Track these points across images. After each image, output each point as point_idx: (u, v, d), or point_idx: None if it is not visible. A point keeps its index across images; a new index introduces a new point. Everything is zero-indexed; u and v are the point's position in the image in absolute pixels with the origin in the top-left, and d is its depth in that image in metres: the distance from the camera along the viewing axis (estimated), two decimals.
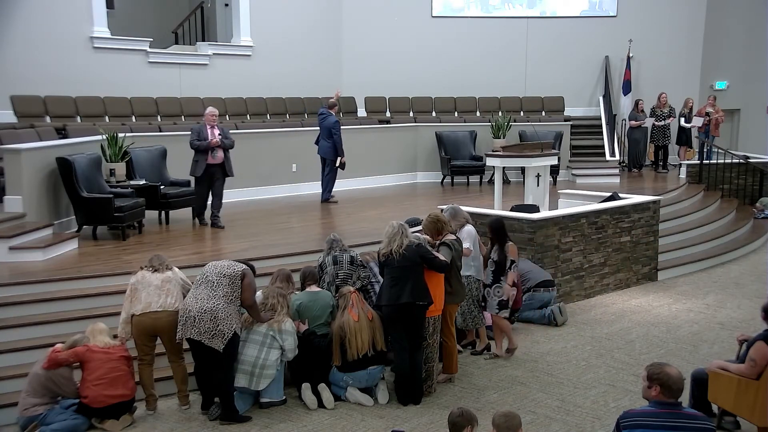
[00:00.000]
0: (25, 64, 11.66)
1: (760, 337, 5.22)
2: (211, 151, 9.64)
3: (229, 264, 5.97)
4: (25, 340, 6.41)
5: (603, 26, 16.73)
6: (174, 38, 15.42)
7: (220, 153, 9.72)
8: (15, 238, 7.96)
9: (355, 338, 6.08)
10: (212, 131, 9.66)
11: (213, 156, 9.68)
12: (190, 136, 9.72)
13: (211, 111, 9.79)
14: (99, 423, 5.68)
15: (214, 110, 9.86)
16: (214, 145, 9.59)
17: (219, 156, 9.72)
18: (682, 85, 16.24)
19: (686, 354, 7.24)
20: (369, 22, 16.19)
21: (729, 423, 5.56)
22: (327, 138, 11.87)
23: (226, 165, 9.85)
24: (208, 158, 9.66)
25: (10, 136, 9.59)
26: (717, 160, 14.22)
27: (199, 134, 9.63)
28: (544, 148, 10.44)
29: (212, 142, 9.58)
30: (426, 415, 5.91)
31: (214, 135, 9.63)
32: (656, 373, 4.03)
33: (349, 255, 6.88)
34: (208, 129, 9.65)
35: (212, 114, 9.74)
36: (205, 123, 9.70)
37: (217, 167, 9.79)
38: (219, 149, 9.69)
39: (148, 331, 5.90)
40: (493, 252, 7.09)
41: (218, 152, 9.70)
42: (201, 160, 9.67)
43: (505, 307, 7.10)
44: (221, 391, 5.84)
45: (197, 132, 9.66)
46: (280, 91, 14.93)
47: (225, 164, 9.83)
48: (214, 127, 9.70)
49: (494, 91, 16.50)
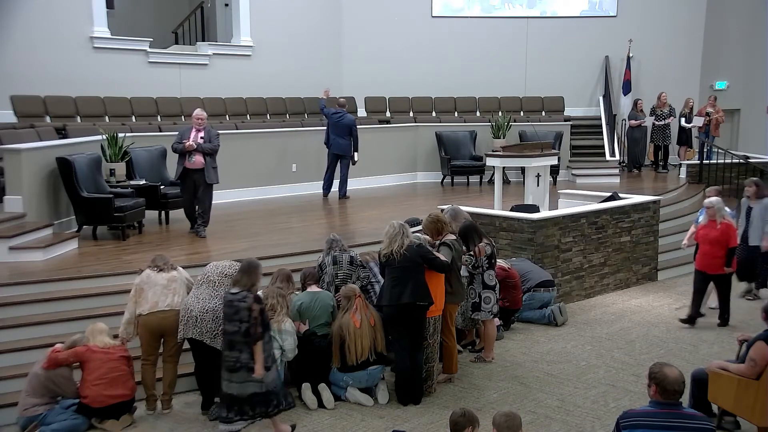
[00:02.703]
0: (25, 64, 11.65)
1: (760, 337, 5.22)
2: (188, 155, 9.05)
3: (230, 264, 5.98)
4: (25, 340, 6.41)
5: (603, 26, 16.73)
6: (174, 38, 15.42)
7: (198, 158, 9.05)
8: (15, 238, 7.96)
9: (355, 344, 6.08)
10: (196, 134, 9.11)
11: (189, 160, 9.06)
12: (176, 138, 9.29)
13: (198, 113, 9.23)
14: (99, 423, 5.68)
15: (201, 113, 9.26)
16: (188, 148, 8.98)
17: (197, 161, 9.06)
18: (682, 85, 16.23)
19: (686, 354, 7.24)
20: (369, 22, 16.18)
21: (729, 423, 5.56)
22: (346, 136, 12.21)
23: (205, 171, 9.12)
24: (185, 162, 9.10)
25: (10, 136, 9.59)
26: (717, 160, 14.22)
27: (181, 136, 9.15)
28: (544, 148, 10.45)
29: (186, 145, 8.99)
30: (426, 415, 5.91)
31: (196, 138, 9.07)
32: (654, 372, 4.04)
33: (349, 255, 6.89)
34: (192, 132, 9.13)
35: (198, 117, 9.17)
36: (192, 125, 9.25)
37: (197, 173, 9.15)
38: (197, 154, 9.03)
39: (156, 330, 5.90)
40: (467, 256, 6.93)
41: (195, 157, 9.04)
42: (179, 164, 9.19)
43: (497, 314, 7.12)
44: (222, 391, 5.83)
45: (181, 134, 9.21)
46: (280, 91, 14.93)
47: (204, 170, 9.13)
48: (200, 130, 9.14)
49: (494, 91, 16.50)
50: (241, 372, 5.33)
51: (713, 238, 7.82)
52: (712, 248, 7.84)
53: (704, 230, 7.98)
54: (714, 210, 7.86)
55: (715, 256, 7.84)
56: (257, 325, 5.36)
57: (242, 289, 5.41)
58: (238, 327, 5.33)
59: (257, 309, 5.40)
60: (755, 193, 8.84)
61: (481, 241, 6.93)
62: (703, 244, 7.95)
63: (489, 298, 6.94)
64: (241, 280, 5.46)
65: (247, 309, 5.33)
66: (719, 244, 7.80)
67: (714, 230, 7.83)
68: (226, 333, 5.41)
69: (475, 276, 6.95)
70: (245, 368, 5.32)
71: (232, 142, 12.43)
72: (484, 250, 6.89)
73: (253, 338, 5.33)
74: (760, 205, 8.77)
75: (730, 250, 7.82)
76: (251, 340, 5.32)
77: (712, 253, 7.85)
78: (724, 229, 7.81)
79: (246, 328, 5.31)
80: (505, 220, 8.94)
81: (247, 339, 5.32)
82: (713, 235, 7.82)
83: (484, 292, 6.94)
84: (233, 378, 5.36)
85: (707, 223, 7.97)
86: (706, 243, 7.89)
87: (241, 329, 5.32)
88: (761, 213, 8.75)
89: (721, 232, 7.79)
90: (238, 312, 5.34)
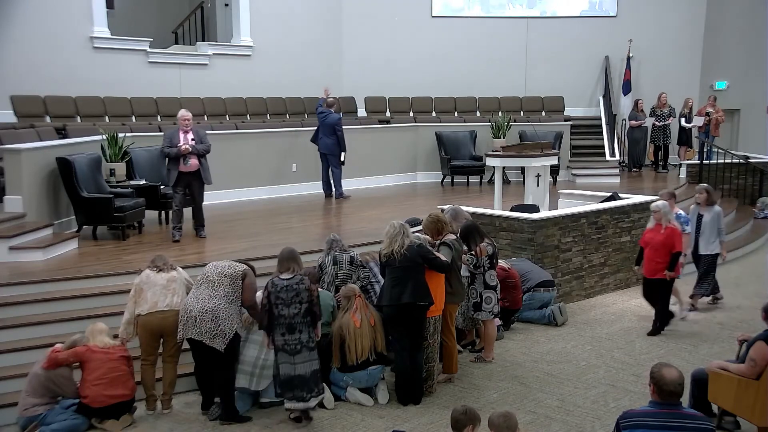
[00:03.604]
0: (25, 64, 11.66)
1: (760, 337, 5.22)
2: (183, 159, 8.76)
3: (230, 264, 5.98)
4: (25, 340, 6.41)
5: (603, 26, 16.74)
6: (174, 38, 15.43)
7: (193, 160, 8.81)
8: (15, 238, 7.96)
9: (355, 344, 6.09)
10: (185, 136, 8.83)
11: (185, 163, 8.78)
12: (162, 142, 8.92)
13: (183, 114, 8.93)
14: (99, 423, 5.68)
15: (187, 113, 8.99)
16: (184, 152, 8.72)
17: (193, 163, 8.82)
18: (682, 85, 16.23)
19: (686, 354, 7.24)
20: (369, 22, 16.18)
21: (729, 423, 5.56)
22: (330, 135, 12.17)
23: (202, 172, 8.91)
24: (180, 166, 8.79)
25: (10, 136, 9.59)
26: (717, 160, 14.23)
27: (170, 140, 8.77)
28: (544, 148, 10.45)
29: (182, 148, 8.70)
30: (426, 415, 5.91)
31: (187, 140, 8.81)
32: (654, 373, 4.04)
33: (349, 255, 6.89)
34: (181, 134, 8.83)
35: (184, 118, 8.87)
36: (178, 127, 8.94)
37: (192, 175, 8.90)
38: (192, 156, 8.80)
39: (155, 330, 5.90)
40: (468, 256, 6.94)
41: (191, 159, 8.79)
42: (173, 168, 8.81)
43: (497, 314, 7.13)
44: (222, 392, 5.84)
45: (169, 138, 8.80)
46: (280, 91, 14.93)
47: (201, 172, 8.91)
48: (188, 131, 8.86)
49: (494, 91, 16.50)
50: (303, 353, 5.67)
51: (657, 242, 7.62)
52: (656, 253, 7.63)
53: (650, 234, 7.79)
54: (660, 214, 7.68)
55: (658, 261, 7.64)
56: (317, 304, 5.80)
57: (295, 273, 5.73)
58: (298, 309, 5.66)
59: (315, 289, 5.90)
60: (706, 200, 8.51)
61: (483, 241, 6.94)
62: (648, 249, 7.77)
63: (490, 298, 6.95)
64: (290, 266, 5.78)
65: (307, 290, 5.71)
66: (663, 249, 7.58)
67: (659, 234, 7.66)
68: (284, 317, 5.65)
69: (477, 276, 6.95)
70: (306, 348, 5.69)
71: (233, 142, 12.46)
72: (485, 249, 6.90)
73: (316, 317, 5.77)
74: (711, 213, 8.49)
75: (674, 255, 7.58)
76: (314, 319, 5.74)
77: (655, 257, 7.64)
78: (669, 233, 7.59)
79: (307, 308, 5.68)
80: (505, 220, 8.94)
81: (307, 319, 5.68)
82: (658, 239, 7.63)
83: (486, 291, 6.94)
84: (296, 360, 5.65)
85: (654, 227, 7.80)
86: (650, 247, 7.72)
87: (301, 310, 5.67)
88: (712, 221, 8.46)
89: (666, 236, 7.58)
90: (298, 294, 5.67)
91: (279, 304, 5.66)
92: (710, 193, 8.63)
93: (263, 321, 5.81)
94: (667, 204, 7.92)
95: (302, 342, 5.66)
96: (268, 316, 5.70)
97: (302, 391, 5.66)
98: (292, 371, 5.65)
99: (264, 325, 5.79)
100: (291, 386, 5.66)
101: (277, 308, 5.66)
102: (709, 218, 8.49)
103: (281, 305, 5.65)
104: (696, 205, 8.69)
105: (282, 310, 5.65)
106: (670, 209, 7.90)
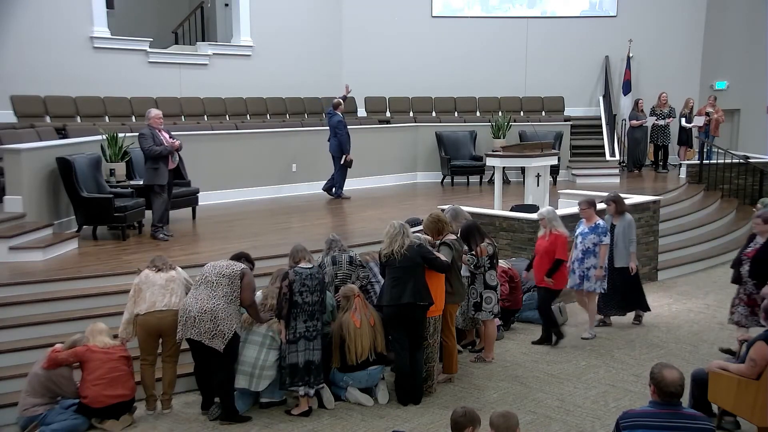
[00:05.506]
0: (25, 64, 11.65)
1: (760, 337, 5.22)
2: (172, 156, 9.02)
3: (228, 264, 5.97)
4: (25, 340, 6.41)
5: (603, 26, 16.73)
6: (174, 38, 15.41)
7: (176, 156, 9.20)
8: (15, 238, 7.96)
9: (355, 344, 6.09)
10: (165, 134, 9.08)
11: (174, 161, 9.10)
12: (145, 142, 8.90)
13: (157, 114, 9.13)
14: (99, 423, 5.69)
15: (159, 112, 9.21)
16: (177, 147, 9.03)
17: (176, 160, 9.21)
18: (682, 85, 16.22)
19: (686, 354, 7.24)
20: (369, 21, 16.18)
21: (729, 423, 5.56)
22: (333, 136, 12.28)
23: (181, 169, 9.17)
24: (169, 163, 9.02)
25: (10, 136, 9.59)
26: (717, 160, 14.21)
27: (154, 139, 8.90)
28: (544, 148, 10.45)
29: (175, 144, 9.00)
30: (426, 415, 5.91)
31: (166, 138, 9.04)
32: (654, 373, 4.04)
33: (348, 255, 6.88)
34: (161, 133, 9.02)
35: (158, 117, 9.09)
36: (153, 127, 9.00)
37: (173, 172, 9.20)
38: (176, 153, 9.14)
39: (154, 330, 5.90)
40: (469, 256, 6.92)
41: (176, 156, 9.17)
42: (162, 166, 8.94)
43: (497, 314, 7.12)
44: (221, 392, 5.84)
45: (152, 137, 8.90)
46: (280, 91, 14.92)
47: (180, 168, 9.19)
48: (161, 131, 9.08)
49: (494, 91, 16.50)
50: (318, 339, 5.95)
51: (543, 248, 7.46)
52: (541, 259, 7.45)
53: (539, 241, 7.63)
54: (546, 221, 7.50)
55: (541, 268, 7.46)
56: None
57: (312, 264, 6.05)
58: (319, 297, 5.94)
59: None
60: (615, 210, 8.04)
61: (483, 241, 6.94)
62: (536, 256, 7.60)
63: (490, 298, 6.95)
64: (306, 256, 6.06)
65: (323, 280, 6.08)
66: (547, 255, 7.37)
67: (544, 241, 7.50)
68: (306, 305, 5.86)
69: (477, 276, 6.96)
70: (320, 334, 5.99)
71: (232, 142, 12.47)
72: (485, 250, 6.90)
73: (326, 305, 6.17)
74: (623, 222, 7.99)
75: (556, 261, 7.36)
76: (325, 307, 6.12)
77: (540, 264, 7.49)
78: (552, 240, 7.37)
79: (323, 297, 5.99)
80: (505, 220, 8.94)
81: (323, 307, 6.02)
82: (543, 245, 7.48)
83: (486, 292, 6.94)
84: (314, 345, 5.92)
85: (542, 234, 7.60)
86: (538, 255, 7.55)
87: (321, 298, 5.96)
88: (624, 231, 7.96)
89: (550, 242, 7.37)
90: (320, 283, 5.98)
91: (304, 291, 5.85)
92: (618, 202, 8.10)
93: (282, 310, 5.83)
94: (552, 210, 7.70)
95: (318, 329, 5.94)
96: (289, 304, 5.81)
97: (316, 376, 5.92)
98: (310, 356, 5.88)
99: (283, 314, 5.84)
100: (307, 371, 5.87)
101: (302, 296, 5.84)
102: (621, 228, 7.98)
103: (306, 292, 5.86)
104: (609, 216, 8.12)
105: (306, 297, 5.85)
106: (556, 216, 7.57)
